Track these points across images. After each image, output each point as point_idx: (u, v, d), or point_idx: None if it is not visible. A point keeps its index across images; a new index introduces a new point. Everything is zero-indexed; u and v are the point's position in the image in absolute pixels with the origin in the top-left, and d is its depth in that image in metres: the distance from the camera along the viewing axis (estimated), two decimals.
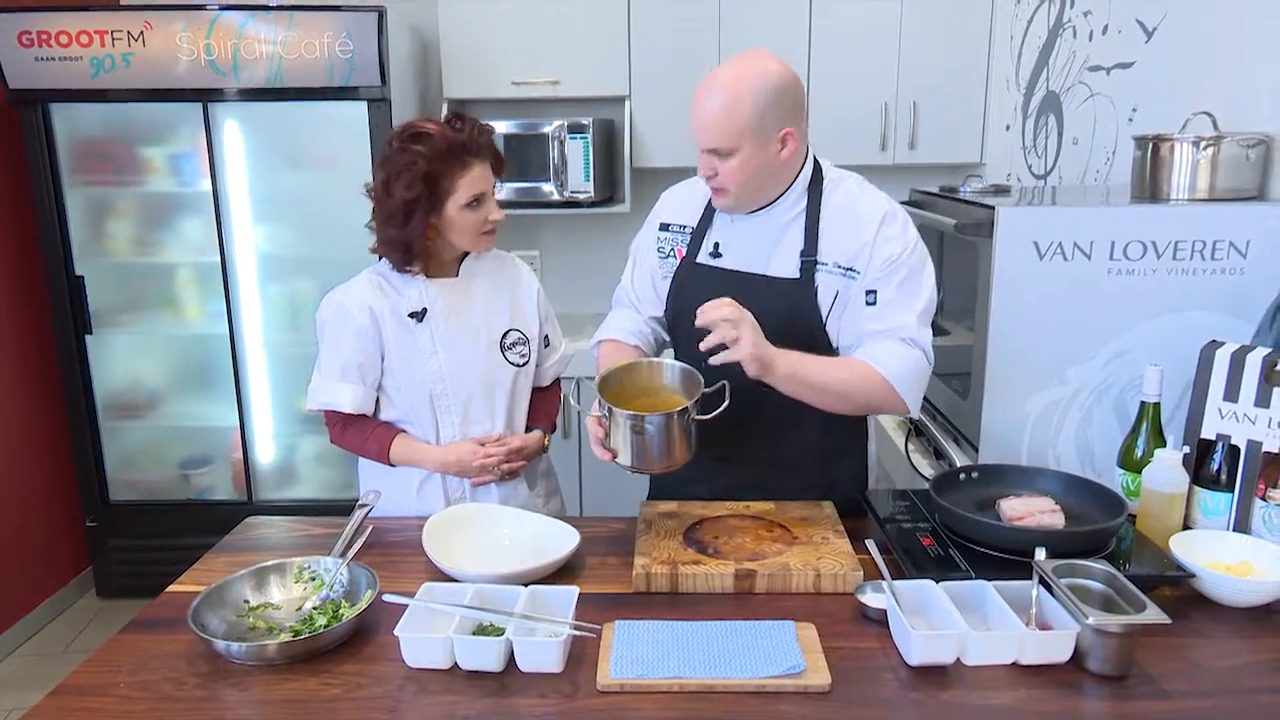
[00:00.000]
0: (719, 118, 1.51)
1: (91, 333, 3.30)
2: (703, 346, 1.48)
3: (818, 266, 1.61)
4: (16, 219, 3.24)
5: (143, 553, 3.43)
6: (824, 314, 1.61)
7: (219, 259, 3.23)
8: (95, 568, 3.50)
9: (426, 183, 1.65)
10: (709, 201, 1.72)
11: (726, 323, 1.44)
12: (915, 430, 2.33)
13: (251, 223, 3.27)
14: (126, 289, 3.37)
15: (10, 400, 3.23)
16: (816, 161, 1.66)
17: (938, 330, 1.63)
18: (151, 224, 3.32)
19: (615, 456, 1.51)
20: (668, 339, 1.84)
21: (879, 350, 1.57)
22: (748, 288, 1.62)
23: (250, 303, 3.32)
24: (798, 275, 1.61)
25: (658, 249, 1.78)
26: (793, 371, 1.51)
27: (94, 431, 3.38)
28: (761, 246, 1.65)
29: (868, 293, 1.59)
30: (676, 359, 1.74)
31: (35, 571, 3.33)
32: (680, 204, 1.78)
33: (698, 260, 1.71)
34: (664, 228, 1.78)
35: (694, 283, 1.71)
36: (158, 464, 3.50)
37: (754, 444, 1.71)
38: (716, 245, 1.70)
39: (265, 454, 3.47)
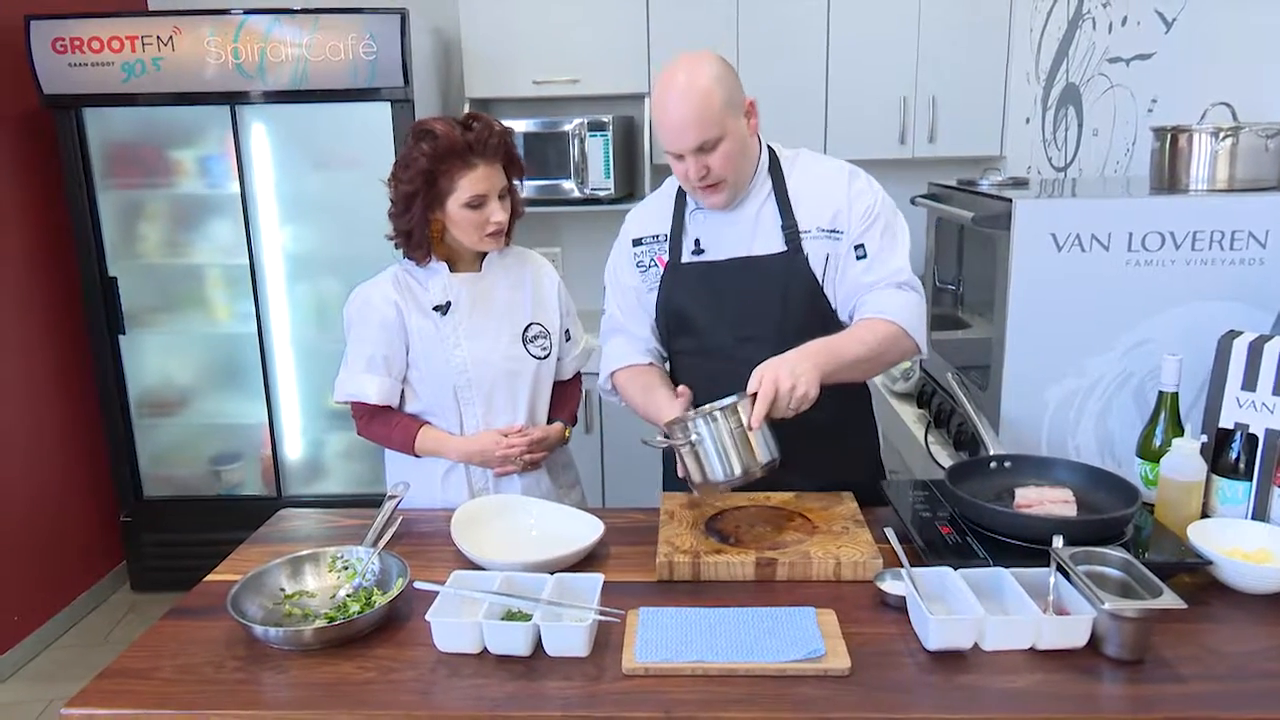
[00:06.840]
0: (701, 111, 1.55)
1: (124, 333, 3.38)
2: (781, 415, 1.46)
3: (802, 234, 1.66)
4: (51, 222, 3.32)
5: (175, 547, 3.51)
6: (820, 278, 1.66)
7: (247, 260, 3.29)
8: (129, 562, 3.58)
9: (425, 179, 1.70)
10: (675, 207, 1.75)
11: (776, 388, 1.44)
12: (934, 422, 2.34)
13: (279, 223, 3.33)
14: (158, 290, 3.44)
15: (46, 400, 3.31)
16: (769, 146, 1.72)
17: (958, 324, 1.65)
18: (182, 226, 3.39)
19: (705, 478, 1.49)
20: (664, 352, 1.83)
21: (884, 302, 1.63)
22: (736, 273, 1.66)
23: (278, 302, 3.38)
24: (784, 248, 1.66)
25: (636, 264, 1.78)
26: (832, 368, 1.52)
27: (128, 429, 3.46)
28: (741, 234, 1.69)
29: (856, 247, 1.66)
30: (675, 364, 1.77)
31: (71, 566, 3.42)
32: (647, 217, 1.80)
33: (683, 261, 1.73)
34: (637, 243, 1.79)
35: (684, 282, 1.73)
36: (189, 460, 3.57)
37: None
38: (697, 242, 1.72)
39: (294, 450, 3.53)
